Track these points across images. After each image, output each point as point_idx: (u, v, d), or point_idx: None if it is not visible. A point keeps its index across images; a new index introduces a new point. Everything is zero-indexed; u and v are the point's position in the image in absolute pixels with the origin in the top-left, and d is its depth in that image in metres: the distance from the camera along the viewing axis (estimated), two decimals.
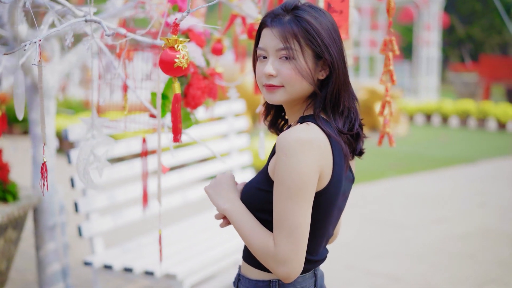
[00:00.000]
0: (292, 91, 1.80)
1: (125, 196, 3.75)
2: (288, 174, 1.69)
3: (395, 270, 4.88)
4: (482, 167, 9.57)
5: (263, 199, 1.81)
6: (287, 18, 1.79)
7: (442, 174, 8.96)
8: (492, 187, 8.10)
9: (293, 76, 1.77)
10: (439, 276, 4.78)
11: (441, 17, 18.83)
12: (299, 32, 1.76)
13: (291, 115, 1.90)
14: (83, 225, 3.51)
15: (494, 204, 7.16)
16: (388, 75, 2.29)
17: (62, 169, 5.21)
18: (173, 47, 1.89)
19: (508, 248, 5.45)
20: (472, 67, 23.21)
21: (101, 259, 3.49)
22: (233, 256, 3.81)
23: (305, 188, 1.70)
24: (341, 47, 1.82)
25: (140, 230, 5.22)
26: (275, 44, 1.79)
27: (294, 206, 1.70)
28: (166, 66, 1.88)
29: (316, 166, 1.71)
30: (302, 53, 1.77)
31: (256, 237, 1.76)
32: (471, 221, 6.35)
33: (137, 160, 3.81)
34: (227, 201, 1.85)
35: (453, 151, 10.92)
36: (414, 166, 9.16)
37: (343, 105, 1.81)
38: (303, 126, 1.75)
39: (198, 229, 4.10)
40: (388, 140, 2.31)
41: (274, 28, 1.80)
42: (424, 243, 5.61)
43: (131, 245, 3.72)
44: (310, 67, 1.78)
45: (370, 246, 5.43)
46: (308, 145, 1.70)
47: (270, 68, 1.79)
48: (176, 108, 1.95)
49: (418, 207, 7.00)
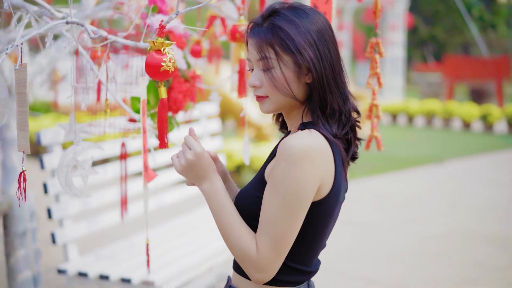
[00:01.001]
0: (277, 101, 1.77)
1: (99, 202, 3.66)
2: (285, 182, 1.64)
3: (371, 273, 4.87)
4: (450, 167, 9.66)
5: (258, 206, 1.73)
6: (264, 27, 1.75)
7: (412, 174, 9.01)
8: (462, 187, 8.17)
9: (276, 85, 1.74)
10: (416, 277, 4.78)
11: (406, 18, 18.99)
12: (273, 40, 1.72)
13: (289, 121, 1.85)
14: (57, 232, 3.41)
15: (465, 203, 7.21)
16: (375, 78, 2.26)
17: (33, 174, 5.08)
18: (159, 50, 1.82)
19: (483, 248, 5.48)
20: (435, 67, 23.47)
21: (76, 266, 3.39)
22: (210, 261, 3.74)
23: (300, 200, 1.65)
24: (325, 48, 1.74)
25: (115, 236, 5.12)
26: (255, 54, 1.76)
27: (285, 216, 1.65)
28: (153, 70, 1.81)
29: (316, 178, 1.66)
30: (280, 61, 1.72)
31: (237, 235, 1.70)
32: (444, 221, 6.39)
33: (111, 165, 3.73)
34: (207, 181, 1.76)
35: (421, 151, 11.01)
36: (382, 166, 9.19)
37: (331, 108, 1.74)
38: (305, 133, 1.69)
39: (173, 234, 4.03)
40: (376, 144, 2.27)
41: (252, 38, 1.77)
42: (399, 244, 5.62)
43: (106, 252, 3.63)
44: (287, 75, 1.72)
45: (345, 249, 5.41)
46: (310, 153, 1.64)
47: (253, 79, 1.78)
48: (163, 114, 1.88)
49: (390, 208, 7.02)
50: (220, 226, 1.73)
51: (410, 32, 24.19)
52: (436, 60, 26.96)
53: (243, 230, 1.70)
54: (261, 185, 1.75)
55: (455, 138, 12.84)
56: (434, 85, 19.99)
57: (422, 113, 14.90)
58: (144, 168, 2.09)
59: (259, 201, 1.73)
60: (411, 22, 21.41)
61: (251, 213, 1.75)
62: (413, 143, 11.95)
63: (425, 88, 20.10)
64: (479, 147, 11.52)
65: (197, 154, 1.74)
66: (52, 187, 3.36)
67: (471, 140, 12.61)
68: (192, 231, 4.06)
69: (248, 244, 1.68)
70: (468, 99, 18.35)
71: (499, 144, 11.96)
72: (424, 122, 15.04)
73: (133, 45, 2.01)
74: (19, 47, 1.63)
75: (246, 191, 1.81)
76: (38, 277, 3.68)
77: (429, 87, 19.97)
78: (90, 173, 2.02)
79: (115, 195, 3.73)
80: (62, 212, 3.43)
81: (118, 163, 3.74)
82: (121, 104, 2.44)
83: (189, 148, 1.75)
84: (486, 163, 10.06)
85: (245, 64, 2.57)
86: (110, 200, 3.72)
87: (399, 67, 17.98)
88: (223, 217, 1.72)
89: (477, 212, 6.81)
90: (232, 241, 1.70)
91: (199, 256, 3.64)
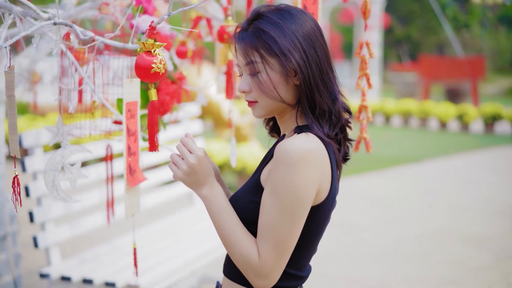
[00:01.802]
0: (267, 105, 1.75)
1: (82, 204, 3.61)
2: (284, 186, 1.62)
3: (352, 273, 4.87)
4: (427, 167, 9.72)
5: (256, 212, 1.71)
6: (248, 31, 1.73)
7: (389, 174, 9.05)
8: (439, 187, 8.22)
9: (264, 89, 1.72)
10: (396, 277, 4.79)
11: (382, 18, 19.09)
12: (258, 44, 1.70)
13: (282, 124, 1.83)
14: (39, 235, 3.36)
15: (443, 203, 7.26)
16: (364, 79, 2.25)
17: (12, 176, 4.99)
18: (150, 52, 1.80)
19: (460, 248, 5.51)
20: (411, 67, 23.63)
21: (58, 270, 3.34)
22: (194, 265, 3.71)
23: (299, 204, 1.63)
24: (312, 48, 1.71)
25: (98, 239, 5.06)
26: (241, 60, 1.75)
27: (285, 221, 1.63)
28: (143, 72, 1.78)
29: (315, 181, 1.65)
30: (266, 64, 1.70)
31: (239, 241, 1.67)
32: (422, 221, 6.42)
33: (93, 167, 3.68)
34: (207, 186, 1.72)
35: (398, 151, 11.07)
36: (360, 166, 9.21)
37: (320, 109, 1.72)
38: (302, 136, 1.67)
39: (157, 236, 3.99)
40: (365, 146, 2.27)
41: (238, 43, 1.76)
42: (378, 244, 5.63)
43: (90, 255, 3.58)
44: (274, 79, 1.70)
45: (325, 249, 5.39)
46: (309, 157, 1.63)
47: (242, 84, 1.76)
48: (153, 116, 1.85)
49: (368, 208, 7.04)
50: (220, 232, 1.70)
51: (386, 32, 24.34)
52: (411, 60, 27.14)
53: (245, 236, 1.68)
54: (257, 189, 1.72)
55: (431, 138, 12.93)
56: (410, 84, 20.14)
57: (398, 113, 14.99)
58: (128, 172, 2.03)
59: (255, 206, 1.71)
60: (387, 22, 21.54)
61: (247, 219, 1.72)
62: (390, 143, 12.01)
63: (401, 88, 20.24)
64: (455, 146, 11.61)
65: (199, 159, 1.70)
66: (34, 190, 3.31)
67: (448, 139, 12.71)
68: (176, 234, 4.02)
69: (249, 250, 1.66)
70: (444, 99, 18.50)
71: (475, 143, 12.07)
72: (400, 122, 15.13)
73: (122, 47, 1.98)
74: (7, 49, 1.60)
75: (240, 195, 1.77)
76: (19, 281, 3.63)
77: (405, 87, 20.11)
78: (78, 177, 1.98)
79: (98, 197, 3.69)
80: (44, 215, 3.37)
81: (100, 165, 3.70)
82: (107, 106, 2.40)
83: (190, 152, 1.70)
84: (462, 162, 10.15)
85: (233, 65, 2.55)
86: (93, 203, 3.67)
87: (376, 67, 18.06)
88: (224, 223, 1.69)
89: (453, 212, 6.85)
90: (233, 247, 1.67)
91: (183, 259, 3.61)
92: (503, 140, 12.58)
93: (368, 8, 2.21)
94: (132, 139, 1.99)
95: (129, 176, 2.04)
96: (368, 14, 2.20)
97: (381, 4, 18.11)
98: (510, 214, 6.74)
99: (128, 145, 2.01)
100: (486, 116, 13.69)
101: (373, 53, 2.23)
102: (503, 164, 10.04)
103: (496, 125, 13.89)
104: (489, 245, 5.61)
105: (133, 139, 2.02)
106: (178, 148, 1.72)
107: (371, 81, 2.24)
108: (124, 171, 2.01)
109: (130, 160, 1.97)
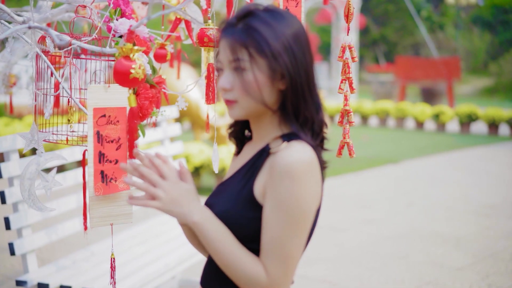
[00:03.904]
0: (247, 107, 1.66)
1: (59, 210, 3.54)
2: (293, 202, 1.56)
3: (331, 275, 4.85)
4: (405, 167, 9.76)
5: (253, 228, 1.63)
6: (238, 27, 1.64)
7: (367, 175, 9.07)
8: (417, 187, 8.25)
9: (248, 88, 1.63)
10: (375, 279, 4.78)
11: (358, 18, 19.16)
12: (248, 42, 1.61)
13: (258, 129, 1.74)
14: (15, 242, 3.28)
15: (421, 203, 7.28)
16: (347, 83, 2.22)
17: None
18: (128, 57, 1.75)
19: (438, 248, 5.52)
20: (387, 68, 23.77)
21: (35, 277, 3.27)
22: (173, 270, 3.66)
23: (307, 217, 1.59)
24: (301, 53, 1.65)
25: (76, 245, 4.99)
26: (227, 55, 1.65)
27: (293, 235, 1.58)
28: (121, 77, 1.73)
29: (318, 192, 1.62)
30: (254, 64, 1.61)
31: (243, 263, 1.58)
32: (400, 222, 6.43)
33: (71, 172, 3.61)
34: (197, 212, 1.58)
35: (375, 151, 11.10)
36: (338, 168, 9.22)
37: (304, 117, 1.66)
38: (298, 146, 1.61)
39: (134, 242, 3.93)
40: (348, 151, 2.24)
41: (225, 38, 1.66)
42: (356, 245, 5.62)
43: (67, 262, 3.51)
44: (260, 80, 1.62)
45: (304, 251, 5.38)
46: (311, 168, 1.59)
47: (224, 82, 1.65)
48: (133, 123, 1.81)
49: (346, 209, 7.04)
50: (221, 257, 1.59)
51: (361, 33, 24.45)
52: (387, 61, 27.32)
53: (248, 256, 1.60)
54: (252, 205, 1.64)
55: (408, 138, 13.01)
56: (386, 86, 20.25)
57: (376, 113, 15.05)
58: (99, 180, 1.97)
59: (255, 222, 1.63)
60: (363, 22, 21.64)
61: (245, 236, 1.64)
62: (368, 143, 12.04)
63: (377, 89, 20.34)
64: (432, 146, 11.69)
65: (174, 183, 1.58)
66: (10, 196, 3.23)
67: (425, 139, 12.79)
68: (153, 239, 3.97)
69: (256, 270, 1.59)
70: (420, 99, 18.63)
71: (452, 143, 12.16)
72: (377, 122, 15.19)
73: (99, 51, 1.92)
74: None
75: (228, 211, 1.67)
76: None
77: (381, 88, 20.22)
78: (54, 184, 1.93)
79: (75, 203, 3.62)
80: (21, 221, 3.30)
81: (78, 171, 3.63)
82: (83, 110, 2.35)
83: (165, 178, 1.58)
84: (439, 162, 10.21)
85: (214, 69, 2.49)
86: (71, 208, 3.60)
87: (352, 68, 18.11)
88: (225, 247, 1.59)
89: (431, 212, 6.88)
90: (238, 270, 1.59)
91: (161, 264, 3.56)
92: (479, 140, 12.69)
93: (351, 11, 2.18)
94: (111, 146, 1.94)
95: (100, 184, 1.98)
96: (351, 17, 2.18)
97: (357, 5, 18.17)
98: (486, 214, 6.78)
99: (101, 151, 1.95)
100: (462, 116, 13.79)
101: (355, 56, 2.20)
102: (479, 164, 10.11)
103: (472, 125, 14.01)
104: (467, 245, 5.63)
105: (113, 146, 1.97)
106: (147, 176, 1.58)
107: (353, 85, 2.21)
108: (89, 179, 1.94)
109: (104, 167, 1.92)
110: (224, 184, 1.78)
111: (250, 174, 1.69)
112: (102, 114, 1.94)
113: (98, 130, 1.91)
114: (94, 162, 1.90)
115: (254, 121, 1.74)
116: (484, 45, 29.09)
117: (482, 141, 12.51)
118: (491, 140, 12.82)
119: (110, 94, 2.01)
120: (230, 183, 1.74)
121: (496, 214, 6.82)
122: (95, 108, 1.92)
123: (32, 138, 2.08)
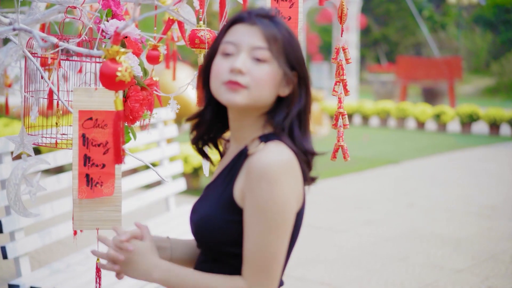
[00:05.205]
0: (256, 97, 1.62)
1: (52, 213, 3.51)
2: (272, 205, 1.54)
3: (330, 277, 4.81)
4: (406, 167, 9.71)
5: (235, 231, 1.61)
6: (269, 21, 1.65)
7: (367, 175, 9.03)
8: (417, 188, 8.21)
9: (265, 79, 1.61)
10: (374, 281, 4.74)
11: (359, 18, 19.13)
12: (282, 38, 1.63)
13: (238, 130, 1.72)
14: (8, 246, 3.25)
15: (421, 204, 7.24)
16: (341, 85, 2.19)
17: None
18: (114, 59, 1.71)
19: (438, 249, 5.48)
20: (388, 68, 23.74)
21: (29, 281, 3.24)
22: None
23: (288, 218, 1.57)
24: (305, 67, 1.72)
25: (69, 248, 4.95)
26: (253, 41, 1.63)
27: (275, 239, 1.56)
28: (107, 80, 1.69)
29: (297, 192, 1.60)
30: (276, 60, 1.62)
31: (219, 284, 1.60)
32: (400, 223, 6.39)
33: (65, 174, 3.58)
34: (154, 269, 1.66)
35: (376, 151, 11.06)
36: (337, 168, 9.18)
37: (305, 126, 1.69)
38: (273, 147, 1.59)
39: None
40: (342, 154, 2.20)
41: (255, 25, 1.64)
42: (356, 247, 5.58)
43: (61, 265, 3.48)
44: (275, 77, 1.63)
45: (302, 252, 5.33)
46: (288, 168, 1.57)
47: (241, 63, 1.61)
48: (118, 127, 1.76)
49: (346, 210, 6.99)
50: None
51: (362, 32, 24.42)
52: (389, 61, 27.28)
53: (219, 277, 1.62)
54: (231, 207, 1.63)
55: (409, 138, 12.97)
56: (387, 86, 20.22)
57: (376, 114, 15.02)
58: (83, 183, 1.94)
59: (234, 225, 1.62)
60: (364, 22, 21.62)
61: (226, 240, 1.63)
62: (368, 144, 12.01)
63: (378, 89, 20.31)
64: (433, 147, 11.65)
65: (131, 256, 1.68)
66: (2, 199, 3.20)
67: (425, 139, 12.75)
68: None
69: (233, 283, 1.60)
70: (421, 99, 18.59)
71: (453, 144, 12.12)
72: (378, 122, 15.16)
73: (86, 53, 1.89)
74: None
75: (209, 216, 1.66)
76: None
77: (382, 88, 20.19)
78: (38, 190, 1.89)
79: (69, 205, 3.58)
80: (13, 224, 3.27)
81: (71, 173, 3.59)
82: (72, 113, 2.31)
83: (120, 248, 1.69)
84: (440, 163, 10.16)
85: None
86: (64, 211, 3.57)
87: (353, 68, 18.08)
88: (194, 282, 1.62)
89: (431, 213, 6.84)
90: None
91: None
92: (480, 140, 12.64)
93: (345, 12, 2.15)
94: (97, 150, 1.90)
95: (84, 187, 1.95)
96: (344, 18, 2.14)
97: (358, 5, 18.14)
98: (487, 215, 6.74)
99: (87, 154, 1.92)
100: (463, 116, 13.75)
101: (349, 58, 2.16)
102: (480, 164, 10.07)
103: (473, 125, 13.97)
104: (467, 246, 5.58)
105: (100, 150, 1.93)
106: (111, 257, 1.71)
107: (348, 87, 2.17)
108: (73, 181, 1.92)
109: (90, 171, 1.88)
110: (209, 188, 1.77)
111: (230, 177, 1.67)
112: (88, 116, 1.90)
113: (84, 132, 1.88)
114: (79, 165, 1.87)
115: (238, 118, 1.71)
116: (486, 45, 29.02)
117: (483, 142, 12.47)
118: (492, 140, 12.77)
119: (99, 97, 1.97)
120: (214, 187, 1.73)
121: (497, 215, 6.78)
122: (81, 110, 1.88)
123: (21, 142, 2.05)
